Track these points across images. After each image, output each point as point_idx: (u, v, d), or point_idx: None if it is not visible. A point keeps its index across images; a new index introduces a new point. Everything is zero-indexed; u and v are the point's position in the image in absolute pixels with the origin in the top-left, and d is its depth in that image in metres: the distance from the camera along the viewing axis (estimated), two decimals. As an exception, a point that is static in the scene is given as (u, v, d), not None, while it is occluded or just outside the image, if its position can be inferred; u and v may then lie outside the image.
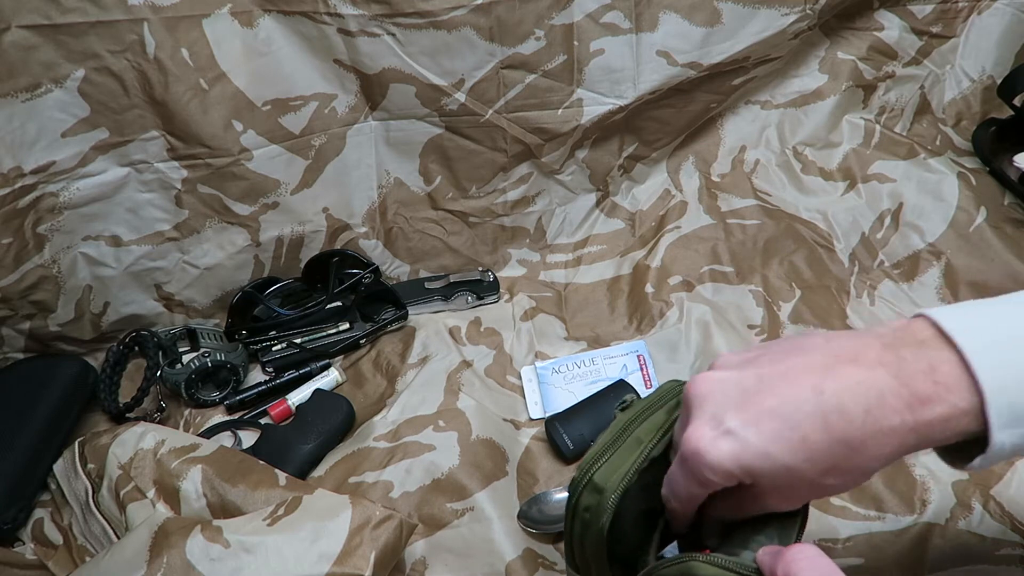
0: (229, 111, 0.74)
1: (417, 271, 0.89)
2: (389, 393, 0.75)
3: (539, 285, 0.88)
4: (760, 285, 0.83)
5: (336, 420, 0.71)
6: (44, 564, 0.62)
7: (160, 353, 0.78)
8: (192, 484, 0.60)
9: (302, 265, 0.83)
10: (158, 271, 0.80)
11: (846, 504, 0.61)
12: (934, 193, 0.85)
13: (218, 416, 0.76)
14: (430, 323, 0.82)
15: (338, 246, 0.85)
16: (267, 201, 0.79)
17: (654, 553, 0.41)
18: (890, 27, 0.93)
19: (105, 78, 0.70)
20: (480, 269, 0.88)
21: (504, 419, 0.71)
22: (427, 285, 0.86)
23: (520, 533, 0.61)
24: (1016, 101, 0.87)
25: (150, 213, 0.77)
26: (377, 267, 0.83)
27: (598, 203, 0.94)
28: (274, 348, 0.81)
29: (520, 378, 0.77)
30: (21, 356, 0.78)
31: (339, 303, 0.82)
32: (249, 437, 0.73)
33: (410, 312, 0.83)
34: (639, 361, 0.76)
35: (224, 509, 0.58)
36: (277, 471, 0.62)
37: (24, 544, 0.65)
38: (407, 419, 0.70)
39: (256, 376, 0.80)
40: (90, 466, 0.65)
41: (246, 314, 0.82)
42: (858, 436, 0.32)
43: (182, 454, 0.62)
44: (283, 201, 0.80)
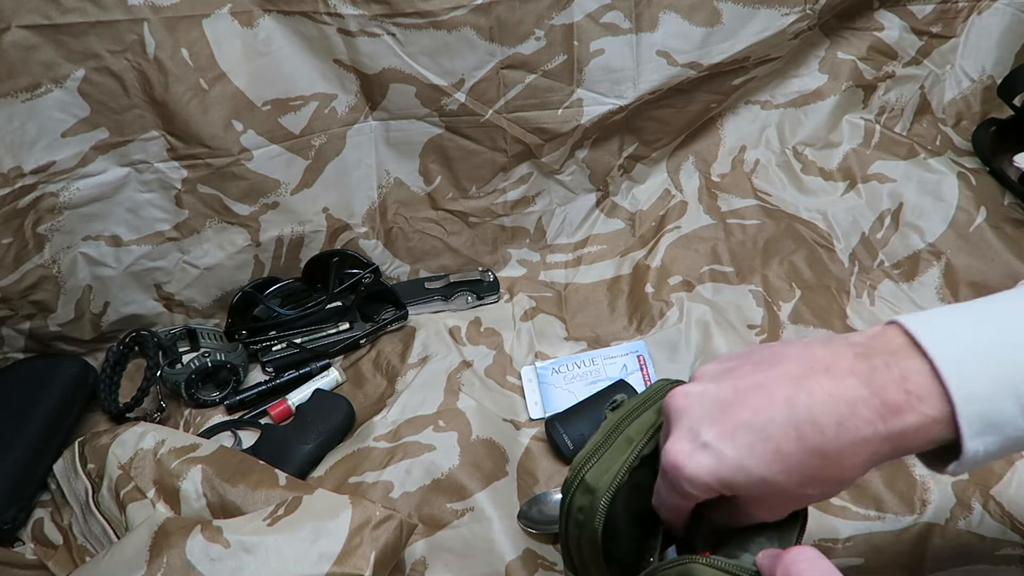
0: (229, 111, 0.74)
1: (417, 271, 0.89)
2: (389, 393, 0.75)
3: (539, 285, 0.88)
4: (760, 285, 0.83)
5: (336, 420, 0.71)
6: (44, 564, 0.62)
7: (160, 353, 0.78)
8: (192, 484, 0.60)
9: (302, 265, 0.83)
10: (158, 271, 0.80)
11: (846, 504, 0.61)
12: (934, 193, 0.85)
13: (218, 416, 0.76)
14: (430, 323, 0.82)
15: (338, 246, 0.85)
16: (267, 201, 0.79)
17: (658, 555, 0.41)
18: (890, 27, 0.93)
19: (105, 78, 0.70)
20: (480, 269, 0.88)
21: (504, 419, 0.71)
22: (427, 285, 0.86)
23: (520, 533, 0.61)
24: (1016, 101, 0.87)
25: (150, 213, 0.77)
26: (377, 267, 0.83)
27: (598, 203, 0.94)
28: (274, 348, 0.81)
29: (520, 378, 0.77)
30: (21, 356, 0.78)
31: (339, 303, 0.82)
32: (249, 437, 0.73)
33: (410, 312, 0.83)
34: (639, 361, 0.76)
35: (224, 509, 0.58)
36: (277, 471, 0.62)
37: (24, 544, 0.65)
38: (407, 419, 0.70)
39: (256, 376, 0.80)
40: (90, 466, 0.65)
41: (246, 314, 0.82)
42: (832, 447, 0.32)
43: (182, 454, 0.62)
44: (283, 201, 0.80)
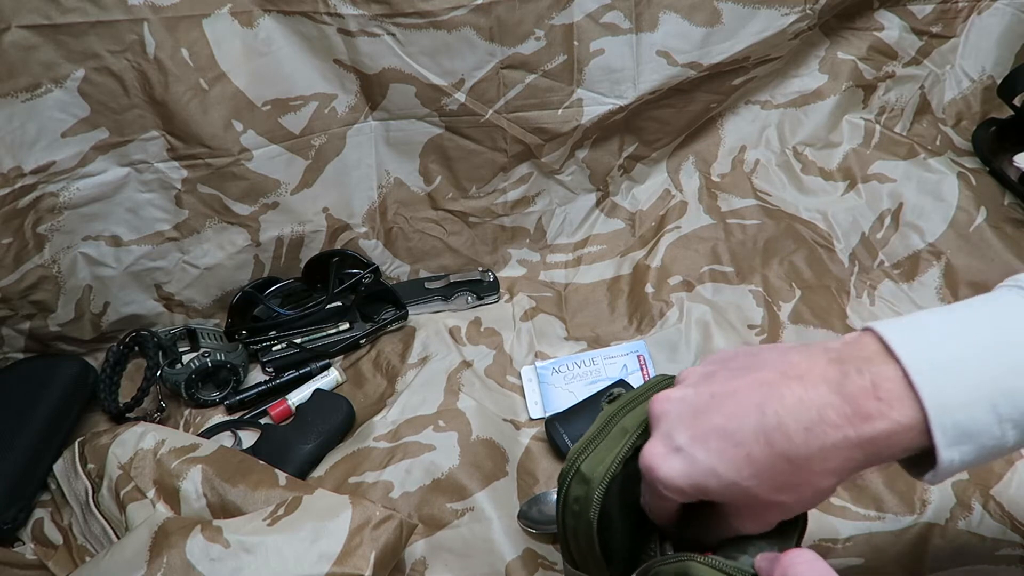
0: (229, 111, 0.74)
1: (417, 271, 0.89)
2: (389, 393, 0.75)
3: (539, 285, 0.88)
4: (760, 285, 0.83)
5: (336, 420, 0.71)
6: (44, 564, 0.62)
7: (160, 353, 0.78)
8: (192, 484, 0.60)
9: (302, 265, 0.83)
10: (158, 271, 0.80)
11: (846, 504, 0.61)
12: (934, 193, 0.85)
13: (218, 416, 0.76)
14: (430, 323, 0.82)
15: (338, 246, 0.85)
16: (267, 201, 0.79)
17: (659, 547, 0.41)
18: (890, 27, 0.93)
19: (105, 78, 0.70)
20: (480, 269, 0.88)
21: (504, 419, 0.71)
22: (427, 285, 0.86)
23: (520, 533, 0.61)
24: (1016, 101, 0.87)
25: (150, 213, 0.77)
26: (377, 267, 0.83)
27: (598, 203, 0.94)
28: (274, 348, 0.81)
29: (520, 378, 0.77)
30: (21, 356, 0.78)
31: (339, 303, 0.82)
32: (249, 437, 0.73)
33: (410, 312, 0.83)
34: (639, 361, 0.76)
35: (224, 509, 0.58)
36: (277, 471, 0.61)
37: (24, 544, 0.65)
38: (407, 419, 0.70)
39: (256, 376, 0.80)
40: (90, 466, 0.65)
41: (246, 314, 0.82)
42: (801, 453, 0.32)
43: (182, 454, 0.62)
44: (283, 201, 0.80)
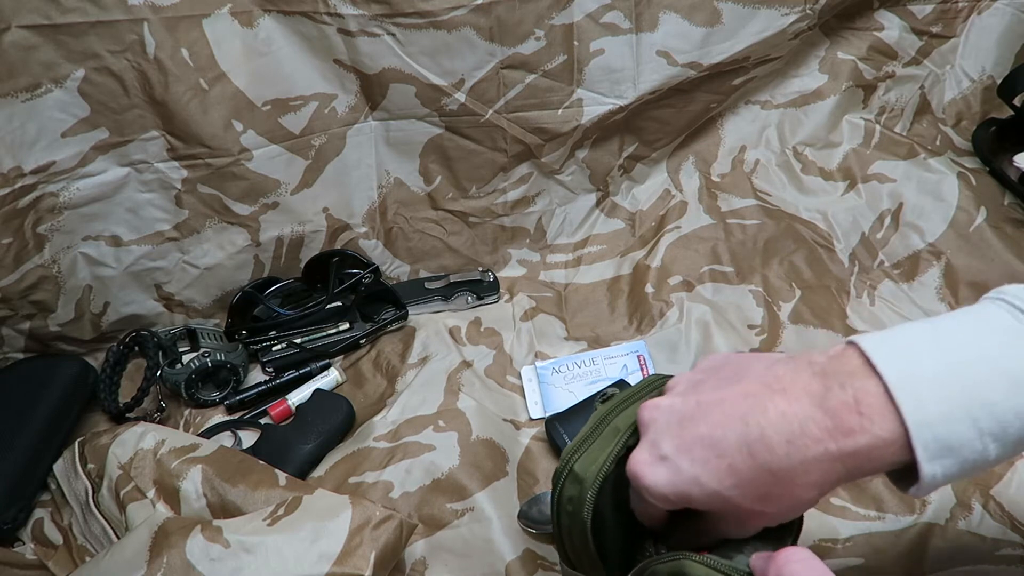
0: (229, 111, 0.74)
1: (417, 271, 0.89)
2: (389, 393, 0.75)
3: (539, 285, 0.88)
4: (760, 285, 0.83)
5: (336, 420, 0.71)
6: (44, 564, 0.62)
7: (160, 353, 0.78)
8: (192, 484, 0.60)
9: (302, 265, 0.83)
10: (158, 271, 0.80)
11: (846, 504, 0.61)
12: (934, 193, 0.85)
13: (218, 416, 0.76)
14: (430, 323, 0.82)
15: (338, 246, 0.85)
16: (267, 201, 0.79)
17: (654, 547, 0.41)
18: (890, 27, 0.93)
19: (105, 78, 0.70)
20: (480, 269, 0.88)
21: (504, 419, 0.71)
22: (427, 285, 0.86)
23: (520, 533, 0.61)
24: (1016, 101, 0.87)
25: (150, 213, 0.77)
26: (377, 267, 0.83)
27: (598, 203, 0.94)
28: (274, 348, 0.81)
29: (520, 378, 0.77)
30: (21, 356, 0.78)
31: (339, 303, 0.82)
32: (249, 437, 0.73)
33: (410, 312, 0.83)
34: (639, 361, 0.76)
35: (224, 509, 0.58)
36: (277, 471, 0.61)
37: (24, 544, 0.65)
38: (407, 419, 0.70)
39: (256, 376, 0.80)
40: (90, 466, 0.65)
41: (246, 314, 0.82)
42: (782, 465, 0.33)
43: (182, 454, 0.62)
44: (283, 201, 0.80)
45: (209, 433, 0.73)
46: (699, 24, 0.81)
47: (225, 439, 0.73)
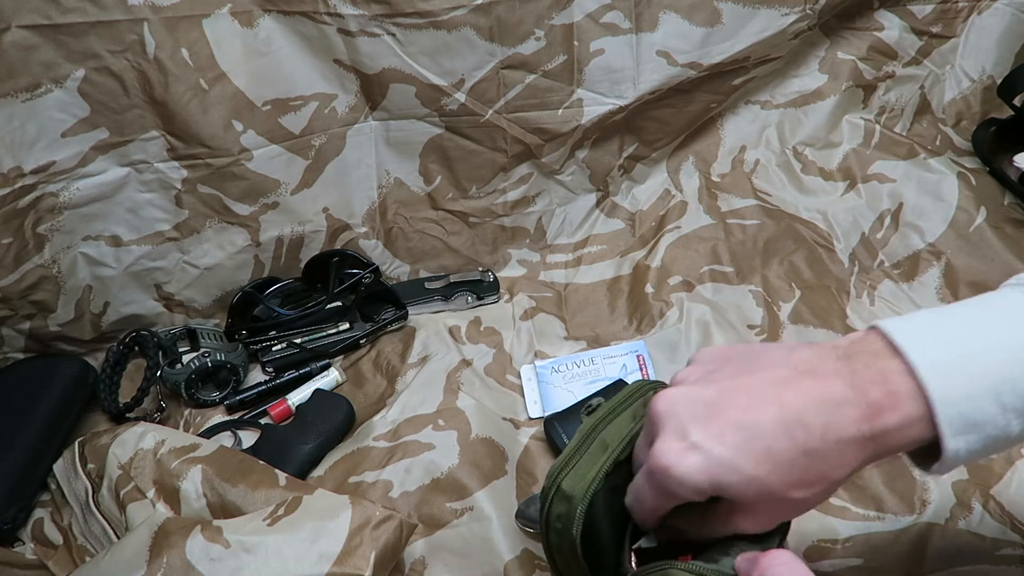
0: (229, 111, 0.74)
1: (417, 271, 0.89)
2: (389, 393, 0.75)
3: (539, 285, 0.88)
4: (760, 285, 0.83)
5: (336, 420, 0.71)
6: (44, 564, 0.62)
7: (160, 353, 0.78)
8: (192, 484, 0.60)
9: (302, 265, 0.83)
10: (158, 271, 0.80)
11: (846, 504, 0.61)
12: (934, 193, 0.85)
13: (218, 416, 0.76)
14: (430, 323, 0.82)
15: (338, 246, 0.85)
16: (267, 201, 0.79)
17: (627, 558, 0.41)
18: (890, 27, 0.93)
19: (105, 78, 0.70)
20: (480, 269, 0.88)
21: (503, 418, 0.71)
22: (427, 285, 0.86)
23: (519, 533, 0.61)
24: (1016, 101, 0.87)
25: (150, 213, 0.77)
26: (377, 267, 0.83)
27: (598, 203, 0.94)
28: (274, 348, 0.81)
29: (520, 377, 0.77)
30: (21, 356, 0.78)
31: (339, 303, 0.82)
32: (249, 437, 0.73)
33: (410, 312, 0.83)
34: (639, 361, 0.76)
35: (224, 509, 0.58)
36: (277, 471, 0.61)
37: (24, 544, 0.65)
38: (407, 419, 0.70)
39: (256, 376, 0.80)
40: (90, 466, 0.65)
41: (246, 314, 0.82)
42: (819, 447, 0.33)
43: (182, 454, 0.62)
44: (283, 201, 0.80)
45: (209, 433, 0.73)
46: (699, 24, 0.81)
47: (225, 439, 0.73)
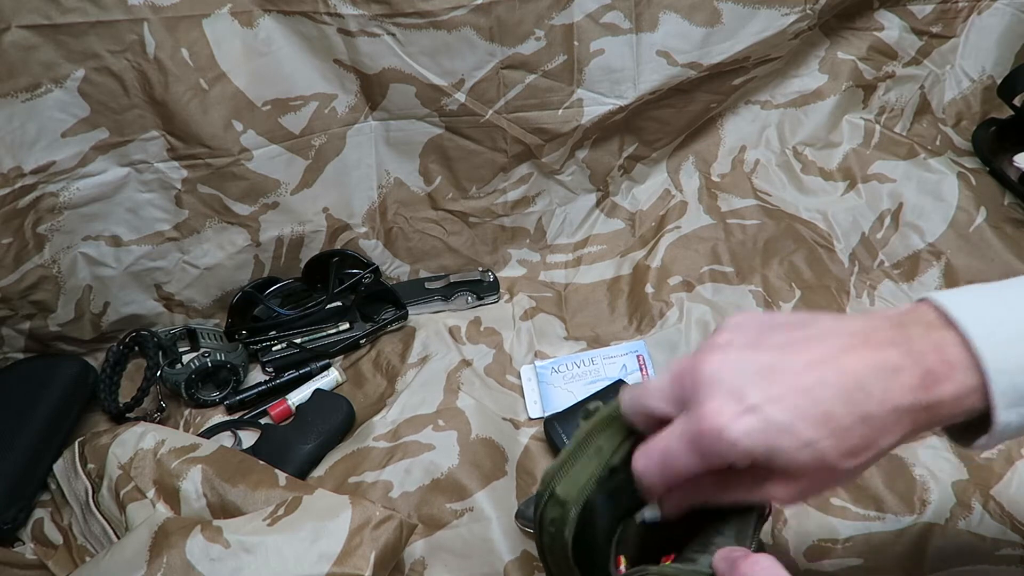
0: (229, 111, 0.74)
1: (417, 271, 0.89)
2: (389, 393, 0.75)
3: (539, 285, 0.88)
4: (760, 285, 0.83)
5: (336, 420, 0.71)
6: (44, 564, 0.62)
7: (160, 353, 0.78)
8: (192, 484, 0.60)
9: (302, 265, 0.83)
10: (158, 271, 0.80)
11: (846, 504, 0.61)
12: (934, 193, 0.85)
13: (218, 416, 0.76)
14: (430, 323, 0.82)
15: (338, 246, 0.85)
16: (267, 201, 0.79)
17: (614, 565, 0.41)
18: (890, 27, 0.93)
19: (105, 78, 0.70)
20: (480, 269, 0.88)
21: (503, 418, 0.71)
22: (427, 285, 0.86)
23: (518, 533, 0.61)
24: (1016, 101, 0.87)
25: (150, 213, 0.77)
26: (377, 267, 0.83)
27: (598, 203, 0.94)
28: (274, 348, 0.81)
29: (520, 377, 0.77)
30: (21, 356, 0.78)
31: (339, 303, 0.82)
32: (249, 437, 0.73)
33: (410, 312, 0.83)
34: (639, 361, 0.76)
35: (224, 509, 0.58)
36: (277, 471, 0.61)
37: (24, 544, 0.65)
38: (407, 419, 0.70)
39: (256, 376, 0.80)
40: (90, 466, 0.65)
41: (246, 314, 0.82)
42: (877, 413, 0.33)
43: (182, 454, 0.62)
44: (283, 201, 0.80)
45: (209, 433, 0.73)
46: (699, 24, 0.81)
47: (225, 439, 0.73)
